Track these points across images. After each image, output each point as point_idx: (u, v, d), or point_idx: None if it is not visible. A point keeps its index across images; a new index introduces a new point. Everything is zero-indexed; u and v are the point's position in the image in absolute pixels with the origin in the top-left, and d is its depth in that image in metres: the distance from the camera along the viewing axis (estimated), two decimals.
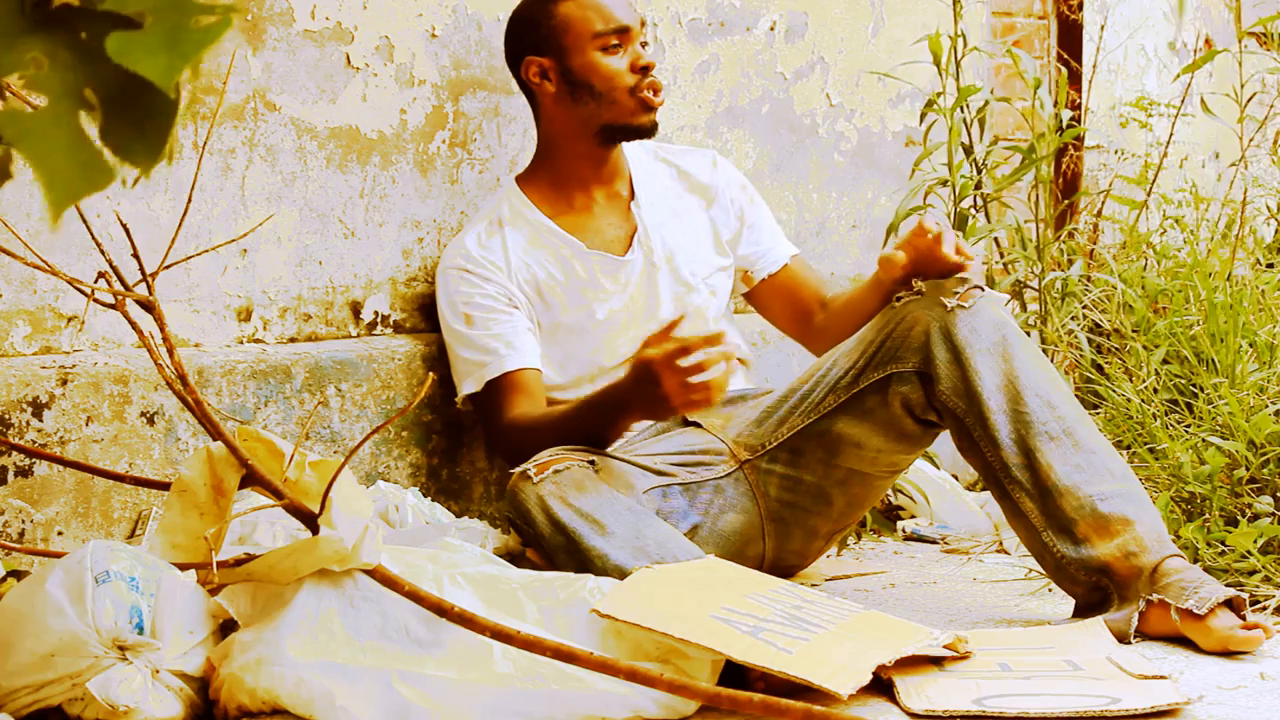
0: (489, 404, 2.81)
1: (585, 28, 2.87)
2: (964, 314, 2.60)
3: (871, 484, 2.77)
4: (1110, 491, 2.50)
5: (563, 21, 2.88)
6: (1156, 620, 2.40)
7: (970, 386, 2.56)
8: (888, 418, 2.67)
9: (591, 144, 2.91)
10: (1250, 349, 3.26)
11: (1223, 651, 2.33)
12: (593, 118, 2.88)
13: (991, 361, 2.57)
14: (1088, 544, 2.48)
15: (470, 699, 2.01)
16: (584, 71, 2.87)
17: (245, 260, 2.77)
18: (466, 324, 2.83)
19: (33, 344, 2.53)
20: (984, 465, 2.58)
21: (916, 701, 2.08)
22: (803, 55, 3.63)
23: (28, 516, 2.46)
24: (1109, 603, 2.48)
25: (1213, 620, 2.34)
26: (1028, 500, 2.53)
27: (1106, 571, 2.47)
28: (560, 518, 2.50)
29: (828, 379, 2.71)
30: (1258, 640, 2.32)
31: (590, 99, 2.87)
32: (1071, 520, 2.50)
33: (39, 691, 2.01)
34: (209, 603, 2.11)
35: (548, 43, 2.89)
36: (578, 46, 2.87)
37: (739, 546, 2.74)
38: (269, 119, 2.77)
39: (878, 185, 3.79)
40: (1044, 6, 4.30)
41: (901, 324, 2.64)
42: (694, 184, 3.04)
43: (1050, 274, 3.59)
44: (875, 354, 2.66)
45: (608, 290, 2.90)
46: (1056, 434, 2.53)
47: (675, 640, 2.09)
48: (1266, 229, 4.15)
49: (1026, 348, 2.60)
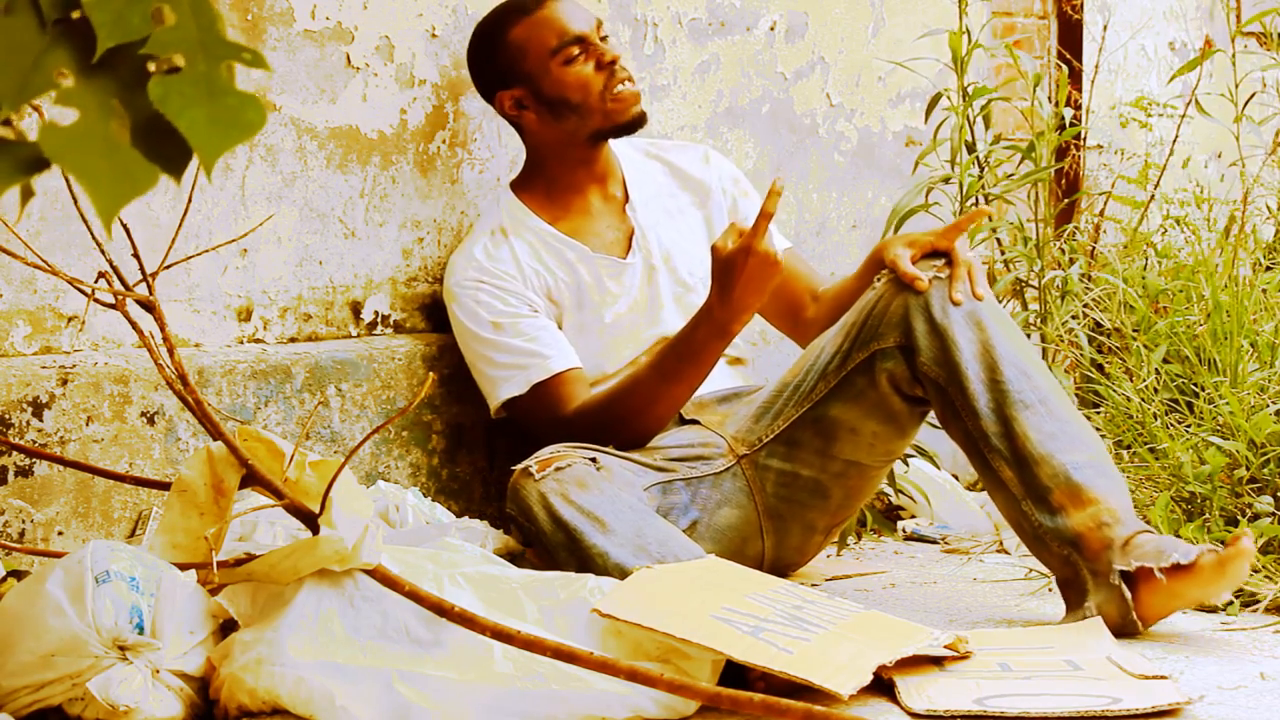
0: (539, 405, 2.78)
1: (541, 48, 2.85)
2: (939, 285, 2.62)
3: (868, 475, 2.78)
4: (1084, 461, 2.53)
5: (518, 48, 2.86)
6: (1147, 594, 2.41)
7: (949, 356, 2.58)
8: (877, 398, 2.68)
9: (583, 149, 2.91)
10: (1251, 349, 3.26)
11: (1226, 585, 2.37)
12: (579, 129, 2.88)
13: (968, 331, 2.59)
14: (1062, 513, 2.50)
15: (470, 699, 2.01)
16: (556, 89, 2.86)
17: (245, 260, 2.77)
18: (496, 330, 2.80)
19: (33, 344, 2.53)
20: (964, 435, 2.60)
21: (917, 701, 2.08)
22: (803, 55, 3.63)
23: (28, 516, 2.46)
24: (1080, 579, 2.48)
25: (1203, 559, 2.37)
26: (1007, 469, 2.55)
27: (1078, 543, 2.48)
28: (562, 515, 2.50)
29: (816, 366, 2.72)
30: (1248, 551, 2.35)
31: (571, 113, 2.87)
32: (1046, 488, 2.52)
33: (39, 691, 2.01)
34: (209, 603, 2.11)
35: (511, 72, 2.88)
36: (541, 68, 2.85)
37: (738, 544, 2.74)
38: (269, 119, 2.77)
39: (878, 185, 3.79)
40: (1045, 6, 4.30)
41: (880, 301, 2.66)
42: (687, 181, 3.03)
43: (1050, 273, 3.59)
44: (859, 334, 2.68)
45: (613, 294, 2.90)
46: (1032, 402, 2.56)
47: (676, 640, 2.09)
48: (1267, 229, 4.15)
49: (999, 317, 2.63)
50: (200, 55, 1.08)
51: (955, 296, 2.61)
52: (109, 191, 1.08)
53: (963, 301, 2.61)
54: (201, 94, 1.08)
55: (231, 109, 1.08)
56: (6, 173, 1.08)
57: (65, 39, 1.09)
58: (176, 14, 1.09)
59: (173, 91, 1.08)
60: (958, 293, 2.61)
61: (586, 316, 2.88)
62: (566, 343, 2.83)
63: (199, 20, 1.09)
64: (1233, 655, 2.36)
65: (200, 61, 1.08)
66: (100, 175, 1.08)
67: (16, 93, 1.07)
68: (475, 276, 2.84)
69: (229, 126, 1.08)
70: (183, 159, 1.10)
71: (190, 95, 1.08)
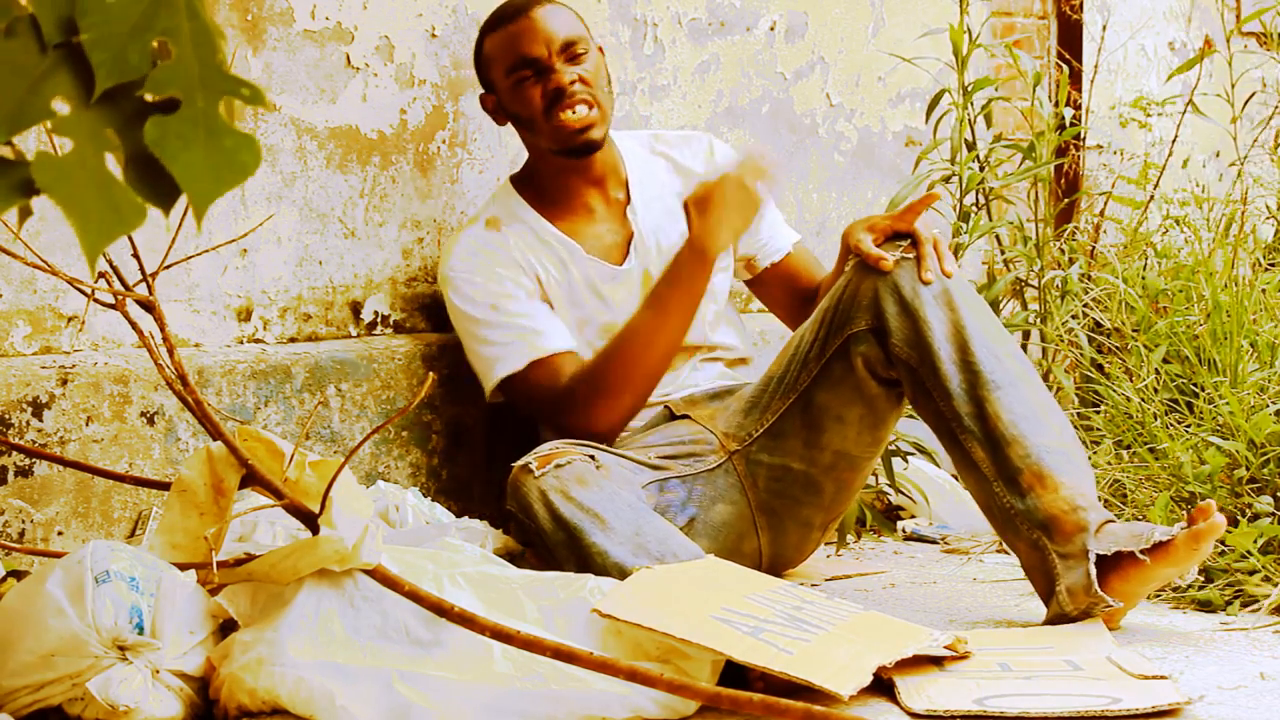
0: (536, 382, 2.79)
1: (500, 64, 2.87)
2: (907, 265, 2.63)
3: (858, 466, 2.78)
4: (1054, 445, 2.53)
5: (487, 57, 2.89)
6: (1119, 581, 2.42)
7: (921, 336, 2.60)
8: (855, 382, 2.69)
9: (563, 159, 2.90)
10: (1251, 349, 3.26)
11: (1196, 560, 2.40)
12: (538, 142, 2.89)
13: (939, 311, 2.60)
14: (1033, 494, 2.51)
15: (470, 699, 2.01)
16: (511, 104, 2.88)
17: (245, 260, 2.77)
18: (492, 310, 2.81)
19: (33, 344, 2.53)
20: (936, 415, 2.61)
21: (917, 701, 2.08)
22: (803, 55, 3.63)
23: (28, 516, 2.46)
24: (1048, 564, 2.49)
25: (1179, 536, 2.39)
26: (980, 449, 2.56)
27: (1049, 526, 2.48)
28: (562, 512, 2.50)
29: (798, 356, 2.73)
30: (1219, 525, 2.38)
31: (526, 129, 2.89)
32: (1017, 470, 2.52)
33: (39, 691, 2.01)
34: (209, 603, 2.11)
35: (484, 78, 2.92)
36: (501, 82, 2.87)
37: (733, 540, 2.75)
38: (269, 119, 2.77)
39: (878, 185, 3.79)
40: (1044, 6, 4.30)
41: (849, 286, 2.67)
42: (691, 178, 3.02)
43: (1050, 273, 3.59)
44: (832, 320, 2.69)
45: (606, 299, 2.89)
46: (1003, 383, 2.56)
47: (675, 640, 2.09)
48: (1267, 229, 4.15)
49: (970, 297, 2.64)
50: (199, 92, 1.08)
51: (925, 276, 2.62)
52: (96, 228, 1.07)
53: (933, 280, 2.62)
54: (199, 135, 1.07)
55: (228, 151, 1.07)
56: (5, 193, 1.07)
57: (65, 63, 1.08)
58: (177, 48, 1.08)
59: (169, 133, 1.07)
60: (927, 271, 2.62)
61: (578, 316, 2.87)
62: (563, 324, 2.83)
63: (199, 53, 1.08)
64: (1233, 655, 2.36)
65: (199, 99, 1.07)
66: (89, 210, 1.07)
67: (13, 118, 1.06)
68: (469, 261, 2.84)
69: (223, 170, 1.07)
70: (174, 194, 1.10)
71: (187, 136, 1.07)
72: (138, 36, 1.07)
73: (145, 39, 1.07)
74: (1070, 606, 2.45)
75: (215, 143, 1.08)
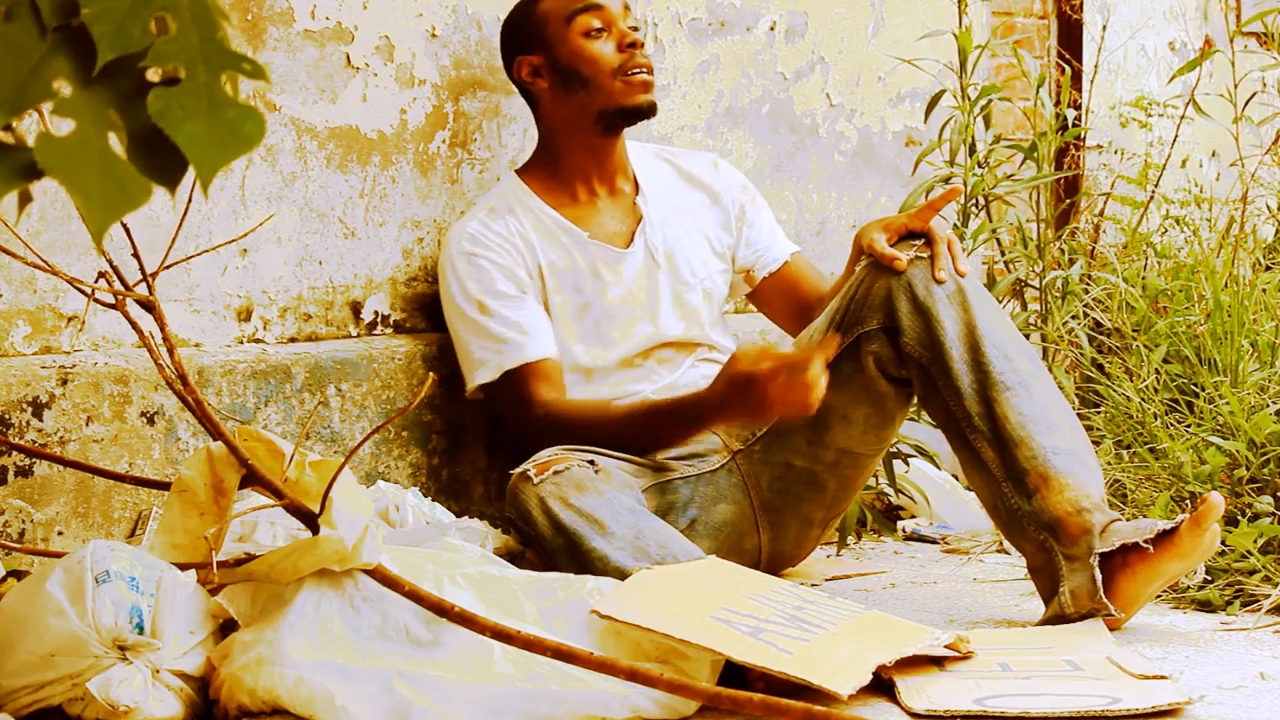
0: (509, 393, 2.79)
1: (561, 13, 2.88)
2: (921, 264, 2.63)
3: (861, 464, 2.78)
4: (1062, 446, 2.54)
5: (542, 15, 2.90)
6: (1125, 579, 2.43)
7: (933, 335, 2.60)
8: (864, 382, 2.69)
9: (592, 134, 2.90)
10: (1251, 349, 3.26)
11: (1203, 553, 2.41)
12: (588, 106, 2.88)
13: (952, 311, 2.61)
14: (1039, 495, 2.51)
15: (470, 699, 2.01)
16: (570, 60, 2.87)
17: (245, 260, 2.77)
18: (480, 311, 2.81)
19: (33, 344, 2.53)
20: (946, 414, 2.61)
21: (917, 701, 2.09)
22: (803, 55, 3.63)
23: (28, 516, 2.46)
24: (1053, 565, 2.49)
25: (1184, 525, 2.40)
26: (989, 449, 2.56)
27: (1055, 528, 2.49)
28: (561, 518, 2.50)
29: None
30: (1218, 503, 2.39)
31: (580, 87, 2.87)
32: (1024, 471, 2.53)
33: (39, 691, 2.01)
34: (209, 603, 2.11)
35: (534, 40, 2.90)
36: (560, 36, 2.88)
37: (735, 539, 2.75)
38: (269, 119, 2.77)
39: (878, 185, 3.79)
40: (1044, 6, 4.30)
41: (862, 285, 2.68)
42: (696, 183, 3.04)
43: (1051, 273, 3.59)
44: (843, 319, 2.69)
45: (606, 281, 2.89)
46: (1013, 384, 2.57)
47: (675, 641, 2.09)
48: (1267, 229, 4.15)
49: (983, 298, 2.64)
50: (201, 66, 1.08)
51: (938, 275, 2.62)
52: (102, 205, 1.07)
53: (946, 280, 2.62)
54: (201, 106, 1.08)
55: (230, 122, 1.08)
56: (5, 178, 1.08)
57: (65, 46, 1.09)
58: (177, 23, 1.08)
59: (173, 104, 1.07)
60: (940, 271, 2.62)
61: (580, 301, 2.87)
62: (547, 328, 2.83)
63: (200, 29, 1.09)
64: (1233, 655, 2.36)
65: (201, 72, 1.08)
66: (93, 189, 1.07)
67: (14, 101, 1.07)
68: (467, 249, 2.84)
69: (227, 141, 1.08)
70: (179, 171, 1.10)
71: (190, 108, 1.08)
72: (137, 12, 1.08)
73: (144, 15, 1.08)
74: (1072, 609, 2.45)
75: (218, 114, 1.08)
